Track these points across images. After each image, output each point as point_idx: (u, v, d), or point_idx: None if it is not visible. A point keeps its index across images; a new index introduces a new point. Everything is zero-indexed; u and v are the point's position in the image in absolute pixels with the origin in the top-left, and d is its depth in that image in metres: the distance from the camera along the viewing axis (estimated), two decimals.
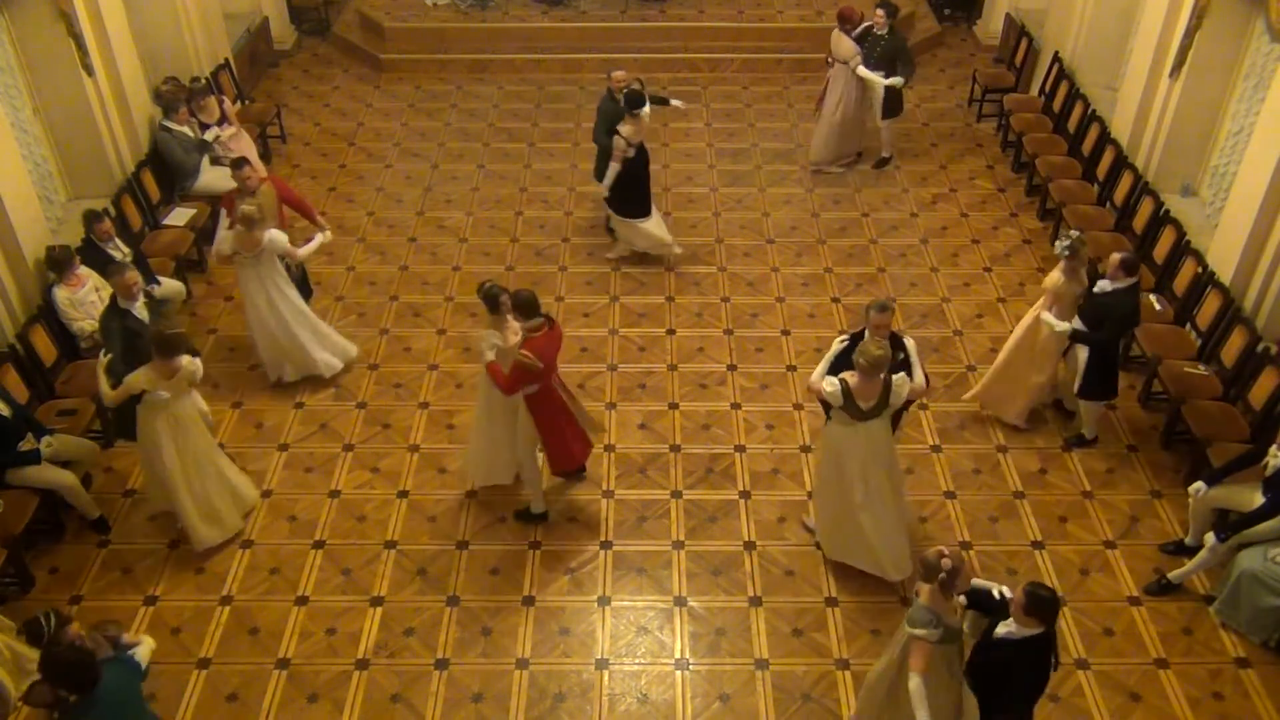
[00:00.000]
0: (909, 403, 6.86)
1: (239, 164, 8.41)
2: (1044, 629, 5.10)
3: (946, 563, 5.16)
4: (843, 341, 6.75)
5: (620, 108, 9.28)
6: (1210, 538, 6.51)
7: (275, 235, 7.86)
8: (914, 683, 5.17)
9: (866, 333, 6.74)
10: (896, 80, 10.69)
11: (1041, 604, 5.04)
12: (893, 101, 10.96)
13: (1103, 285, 7.50)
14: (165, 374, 6.63)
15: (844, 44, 10.63)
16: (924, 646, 5.18)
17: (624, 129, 9.14)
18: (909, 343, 6.72)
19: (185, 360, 6.75)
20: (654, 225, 9.72)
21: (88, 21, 9.08)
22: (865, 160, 11.43)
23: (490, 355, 6.68)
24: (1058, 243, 7.59)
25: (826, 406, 6.60)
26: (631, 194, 9.52)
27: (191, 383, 6.85)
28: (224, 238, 7.98)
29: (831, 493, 6.87)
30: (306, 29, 14.37)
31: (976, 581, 5.57)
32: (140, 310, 7.32)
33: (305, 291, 8.77)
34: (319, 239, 8.38)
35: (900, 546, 6.86)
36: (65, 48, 8.89)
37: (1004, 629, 5.23)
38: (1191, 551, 6.92)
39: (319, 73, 13.57)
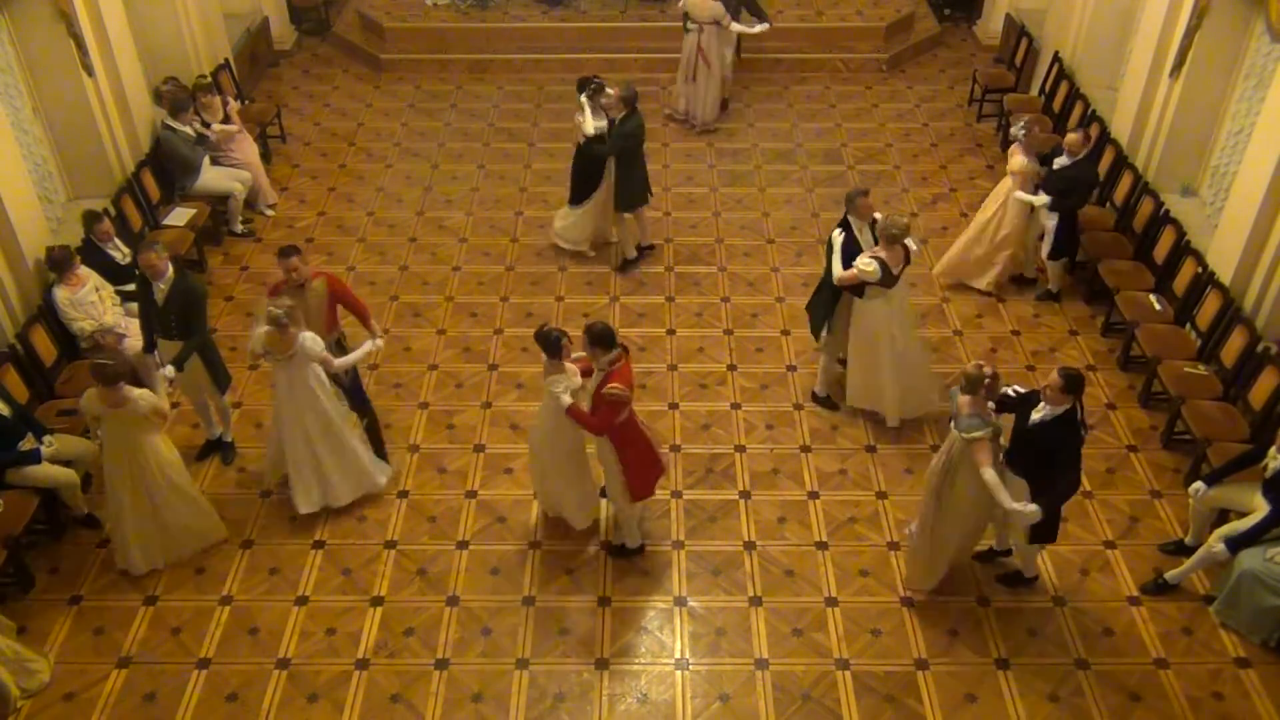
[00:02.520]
0: None
1: (287, 252, 7.12)
2: (1072, 403, 6.04)
3: (987, 369, 6.06)
4: (840, 234, 7.74)
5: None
6: (1221, 546, 6.49)
7: (308, 341, 6.80)
8: (989, 475, 6.06)
9: (851, 218, 7.76)
10: (764, 26, 11.88)
11: (1073, 381, 5.98)
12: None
13: (1062, 161, 8.94)
14: (111, 402, 6.39)
15: (709, 5, 11.31)
16: (984, 444, 6.06)
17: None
18: (878, 216, 7.80)
19: (136, 394, 6.44)
20: (581, 216, 9.85)
21: (88, 21, 9.09)
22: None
23: (568, 399, 6.42)
24: (1014, 128, 9.11)
25: (858, 290, 7.64)
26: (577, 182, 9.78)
27: (151, 415, 6.56)
28: (257, 335, 6.84)
29: (867, 360, 7.93)
30: (306, 29, 14.38)
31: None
32: (159, 290, 7.25)
33: (359, 401, 7.68)
34: (367, 346, 7.20)
35: (924, 388, 8.13)
36: (65, 48, 8.89)
37: (1038, 414, 6.15)
38: (1191, 551, 6.92)
39: (319, 73, 13.57)
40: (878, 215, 7.81)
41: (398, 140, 11.99)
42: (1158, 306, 8.62)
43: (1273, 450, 6.47)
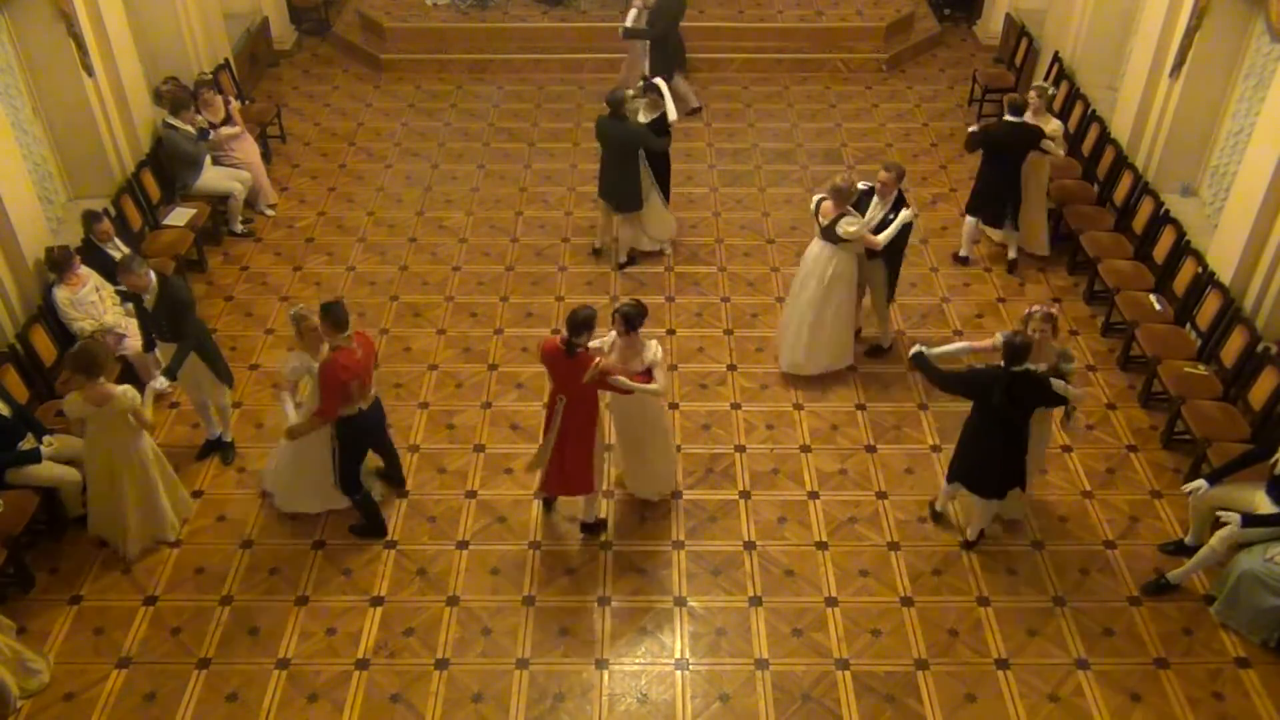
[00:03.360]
0: (896, 267, 8.55)
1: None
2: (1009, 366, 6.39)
3: (1038, 310, 6.76)
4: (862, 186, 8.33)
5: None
6: (1236, 518, 6.43)
7: (286, 357, 6.96)
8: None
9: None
10: (629, 27, 11.51)
11: (1008, 345, 6.38)
12: (658, 61, 11.62)
13: (1010, 119, 9.27)
14: (94, 400, 6.39)
15: None
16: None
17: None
18: (905, 212, 8.11)
19: (119, 392, 6.43)
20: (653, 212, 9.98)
21: (88, 21, 9.08)
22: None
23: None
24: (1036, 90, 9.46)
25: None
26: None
27: (130, 413, 6.53)
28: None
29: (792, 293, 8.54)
30: (306, 29, 14.38)
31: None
32: (147, 299, 7.29)
33: (344, 480, 7.07)
34: (286, 405, 6.88)
35: (811, 347, 8.42)
36: (65, 48, 8.89)
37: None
38: (1191, 551, 6.93)
39: (319, 73, 13.57)
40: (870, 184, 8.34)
41: (398, 140, 11.99)
42: (1158, 306, 8.62)
43: None
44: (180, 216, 9.71)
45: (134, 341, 8.11)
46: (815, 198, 8.14)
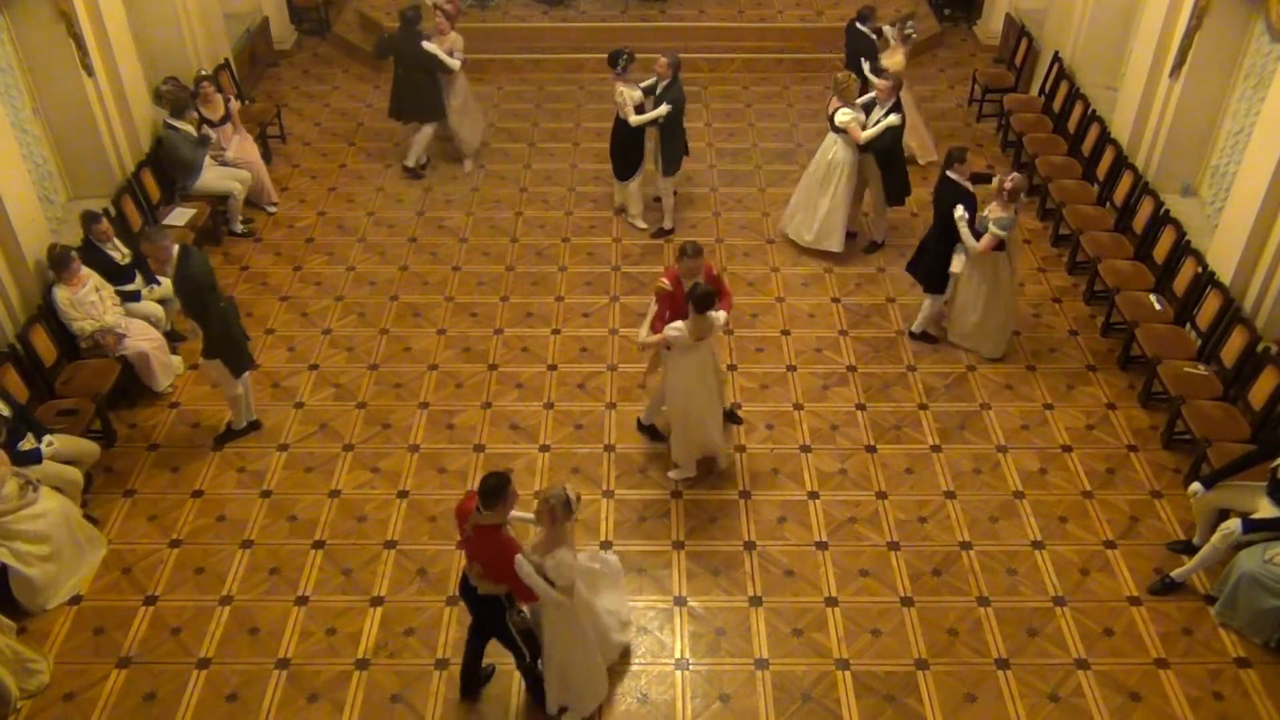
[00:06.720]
0: (892, 169, 9.73)
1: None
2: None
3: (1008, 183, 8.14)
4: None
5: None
6: (1236, 524, 6.47)
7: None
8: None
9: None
10: (455, 63, 10.91)
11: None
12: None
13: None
14: None
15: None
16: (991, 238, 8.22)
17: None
18: (893, 116, 9.33)
19: None
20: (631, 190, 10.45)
21: (88, 21, 9.08)
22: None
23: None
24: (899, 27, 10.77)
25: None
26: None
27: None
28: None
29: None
30: (306, 29, 14.38)
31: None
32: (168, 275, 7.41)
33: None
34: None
35: (806, 221, 9.94)
36: (65, 48, 8.89)
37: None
38: (1197, 551, 6.93)
39: (319, 73, 13.57)
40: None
41: (398, 140, 11.98)
42: (1158, 306, 8.62)
43: None
44: (180, 216, 9.70)
45: (134, 342, 8.11)
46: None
